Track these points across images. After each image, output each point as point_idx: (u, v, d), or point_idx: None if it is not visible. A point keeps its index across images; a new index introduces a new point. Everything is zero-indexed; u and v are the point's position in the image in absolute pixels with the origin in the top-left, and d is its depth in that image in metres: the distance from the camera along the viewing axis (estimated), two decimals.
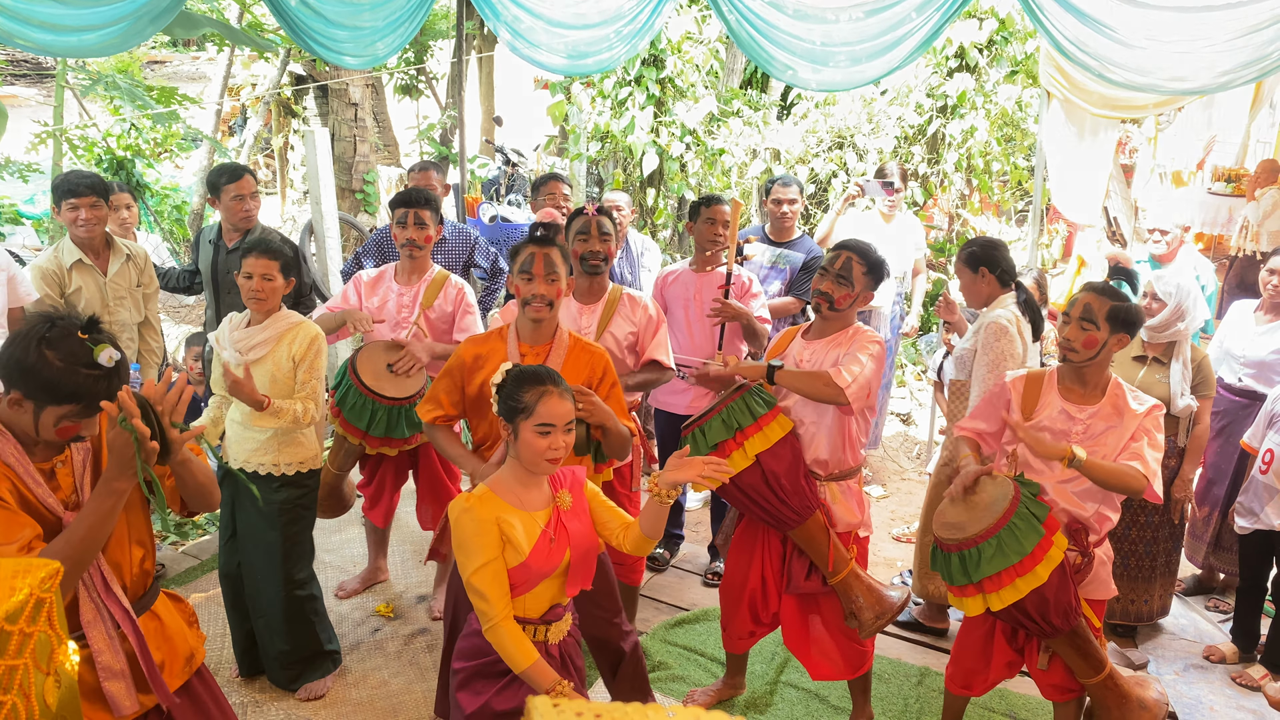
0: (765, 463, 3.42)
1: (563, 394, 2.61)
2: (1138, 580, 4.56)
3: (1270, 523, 4.30)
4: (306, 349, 3.66)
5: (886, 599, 3.52)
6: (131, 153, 8.33)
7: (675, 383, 4.73)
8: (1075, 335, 3.25)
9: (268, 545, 3.78)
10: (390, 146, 11.20)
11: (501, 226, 7.13)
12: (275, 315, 3.67)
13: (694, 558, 5.24)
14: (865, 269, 3.55)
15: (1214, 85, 4.30)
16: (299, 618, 3.89)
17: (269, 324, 3.66)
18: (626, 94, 8.16)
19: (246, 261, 3.59)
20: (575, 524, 2.69)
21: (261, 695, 3.97)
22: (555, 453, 2.58)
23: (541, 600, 2.66)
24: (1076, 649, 3.20)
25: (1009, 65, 8.15)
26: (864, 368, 3.42)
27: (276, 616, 3.85)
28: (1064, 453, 3.06)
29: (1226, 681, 4.40)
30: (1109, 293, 3.26)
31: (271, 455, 3.73)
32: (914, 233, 6.41)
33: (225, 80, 10.53)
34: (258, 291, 3.59)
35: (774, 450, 3.42)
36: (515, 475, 2.65)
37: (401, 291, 4.32)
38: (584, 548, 2.68)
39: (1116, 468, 3.12)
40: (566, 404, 2.61)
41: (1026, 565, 2.96)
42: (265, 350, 3.64)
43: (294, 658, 3.92)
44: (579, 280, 4.09)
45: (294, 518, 3.82)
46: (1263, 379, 4.70)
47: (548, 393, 2.58)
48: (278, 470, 3.75)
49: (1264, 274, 4.69)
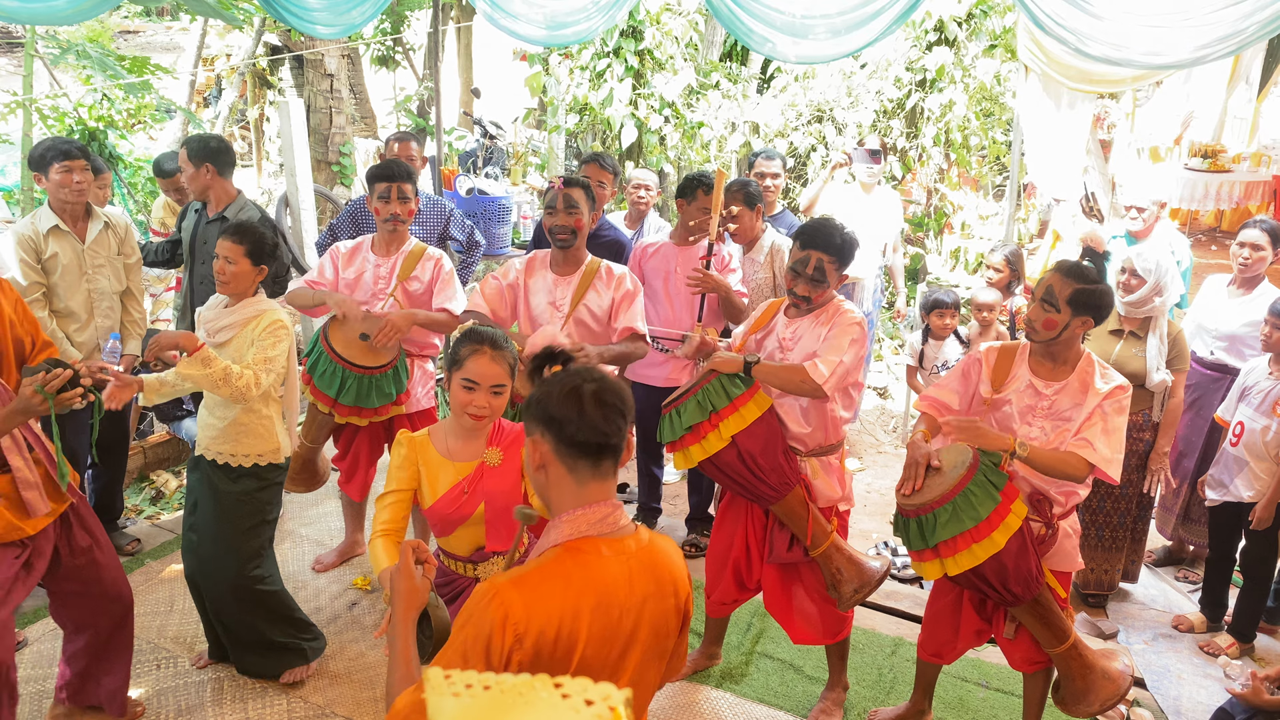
0: (741, 443, 3.42)
1: (497, 357, 2.71)
2: (1110, 550, 4.62)
3: (1239, 494, 4.36)
4: (263, 331, 3.58)
5: (867, 570, 3.55)
6: (104, 124, 8.19)
7: (653, 355, 4.73)
8: (1036, 316, 3.25)
9: (220, 537, 3.66)
10: (367, 118, 11.09)
11: (478, 199, 7.07)
12: (246, 301, 3.62)
13: (671, 530, 5.27)
14: (837, 264, 3.53)
15: (1190, 59, 4.30)
16: (253, 616, 3.77)
17: (237, 309, 3.61)
18: (605, 66, 8.10)
19: (219, 242, 3.56)
20: (498, 481, 2.79)
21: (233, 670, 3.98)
22: (476, 410, 2.71)
23: (463, 542, 2.84)
24: (1040, 618, 3.23)
25: (988, 39, 8.15)
26: (842, 359, 3.41)
27: (233, 615, 3.76)
28: (1006, 446, 3.07)
29: (1195, 650, 4.46)
30: (1075, 275, 3.22)
31: (229, 444, 3.64)
32: (893, 206, 6.43)
33: (199, 50, 10.39)
34: (219, 274, 3.55)
35: (750, 430, 3.42)
36: (451, 426, 2.83)
37: (379, 264, 4.29)
38: (502, 504, 2.77)
39: (1059, 457, 3.13)
40: (496, 367, 2.71)
41: (983, 531, 2.98)
42: (231, 334, 3.60)
43: (256, 659, 3.87)
44: (555, 252, 4.08)
45: (250, 511, 3.69)
46: (1234, 352, 4.74)
47: (479, 351, 2.71)
48: (234, 461, 3.64)
49: (1235, 248, 4.72)
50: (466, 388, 2.71)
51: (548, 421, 1.87)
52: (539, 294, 4.09)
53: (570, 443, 1.85)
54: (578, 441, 1.85)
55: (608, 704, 0.73)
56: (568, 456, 1.87)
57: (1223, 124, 9.53)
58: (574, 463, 1.87)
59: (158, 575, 4.63)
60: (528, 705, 0.72)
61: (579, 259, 4.09)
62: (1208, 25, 4.10)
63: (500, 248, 7.16)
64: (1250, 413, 4.35)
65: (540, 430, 1.89)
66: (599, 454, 1.87)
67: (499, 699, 0.72)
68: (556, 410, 1.86)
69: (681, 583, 1.98)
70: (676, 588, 1.96)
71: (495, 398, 2.73)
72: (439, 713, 0.72)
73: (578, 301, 4.04)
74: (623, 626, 1.85)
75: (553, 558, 1.84)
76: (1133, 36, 4.26)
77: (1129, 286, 4.32)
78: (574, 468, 1.87)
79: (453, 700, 0.73)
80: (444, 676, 0.75)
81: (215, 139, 4.75)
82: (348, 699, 3.83)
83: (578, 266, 4.09)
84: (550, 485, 1.91)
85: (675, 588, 1.96)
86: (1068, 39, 4.37)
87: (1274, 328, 4.23)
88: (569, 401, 1.86)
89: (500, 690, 0.74)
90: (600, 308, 4.07)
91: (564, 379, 1.91)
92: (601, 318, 4.08)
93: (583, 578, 1.82)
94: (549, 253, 4.14)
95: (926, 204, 8.89)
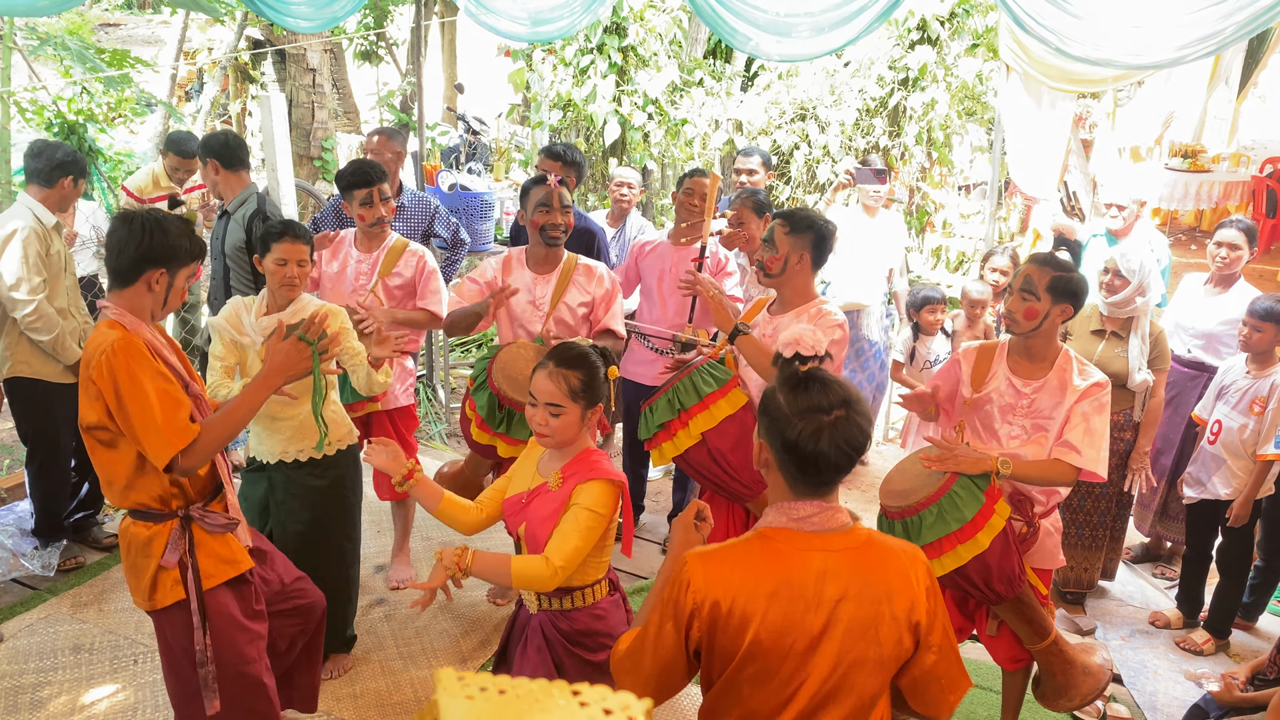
0: (711, 440, 3.43)
1: (555, 374, 2.60)
2: (1090, 549, 4.65)
3: (1216, 492, 4.39)
4: (340, 327, 3.46)
5: None
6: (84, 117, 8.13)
7: (644, 353, 4.74)
8: (1016, 306, 3.27)
9: (324, 536, 3.66)
10: (350, 113, 11.05)
11: (461, 195, 7.05)
12: (297, 300, 3.56)
13: (654, 527, 5.27)
14: (788, 229, 3.50)
15: (1171, 59, 4.32)
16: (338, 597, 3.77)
17: (294, 310, 3.52)
18: (588, 62, 8.09)
19: (281, 247, 3.45)
20: (540, 507, 2.68)
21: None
22: (536, 426, 2.63)
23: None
24: (1022, 616, 3.25)
25: (970, 38, 8.17)
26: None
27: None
28: (989, 467, 3.07)
29: (1171, 646, 4.50)
30: (1050, 263, 3.26)
31: (309, 439, 3.56)
32: (897, 229, 6.19)
33: (180, 44, 10.32)
34: (295, 278, 3.45)
35: (720, 428, 3.43)
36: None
37: (360, 259, 4.27)
38: (534, 531, 2.67)
39: (1044, 466, 3.17)
40: (551, 385, 2.60)
41: (967, 532, 2.99)
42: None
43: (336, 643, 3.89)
44: (535, 250, 4.07)
45: (346, 496, 3.72)
46: (1211, 350, 4.78)
47: (542, 365, 2.64)
48: (316, 454, 3.59)
49: (1212, 247, 4.76)
50: (531, 402, 2.64)
51: (775, 434, 1.92)
52: (519, 293, 4.07)
53: (797, 465, 1.90)
54: (804, 466, 1.90)
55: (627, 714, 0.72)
56: (787, 472, 1.93)
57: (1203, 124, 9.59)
58: (791, 480, 1.94)
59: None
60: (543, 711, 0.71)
61: (557, 256, 4.09)
62: (1188, 25, 4.12)
63: (483, 243, 7.14)
64: (1228, 411, 4.39)
65: (767, 436, 1.95)
66: (817, 477, 1.92)
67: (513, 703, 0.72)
68: (789, 431, 1.89)
69: (900, 591, 1.91)
70: (891, 594, 1.90)
71: (553, 418, 2.59)
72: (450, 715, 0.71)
73: (558, 299, 4.04)
74: (807, 620, 1.86)
75: (744, 541, 1.95)
76: (1113, 36, 4.28)
77: (1113, 287, 4.34)
78: (791, 481, 1.94)
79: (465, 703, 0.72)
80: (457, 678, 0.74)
81: (222, 135, 4.69)
82: (326, 693, 3.81)
83: (556, 264, 4.08)
84: (770, 484, 2.01)
85: (889, 593, 1.90)
86: (1049, 39, 4.39)
87: (1252, 328, 4.27)
88: (807, 429, 1.87)
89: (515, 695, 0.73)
90: (579, 304, 4.07)
91: (806, 399, 1.90)
92: (580, 314, 4.08)
93: (766, 564, 1.89)
94: (524, 250, 4.13)
95: (909, 202, 8.91)
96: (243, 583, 2.93)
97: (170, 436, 2.59)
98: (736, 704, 1.93)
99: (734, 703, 1.94)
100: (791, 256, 3.51)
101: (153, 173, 5.95)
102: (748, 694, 1.92)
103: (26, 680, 3.81)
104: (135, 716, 3.67)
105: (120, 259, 2.69)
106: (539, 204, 3.95)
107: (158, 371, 2.63)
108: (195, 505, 2.82)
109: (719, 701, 1.96)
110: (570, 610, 2.72)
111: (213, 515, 2.84)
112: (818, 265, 3.59)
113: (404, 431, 4.45)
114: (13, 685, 3.80)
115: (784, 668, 1.88)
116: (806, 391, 1.92)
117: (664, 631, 1.93)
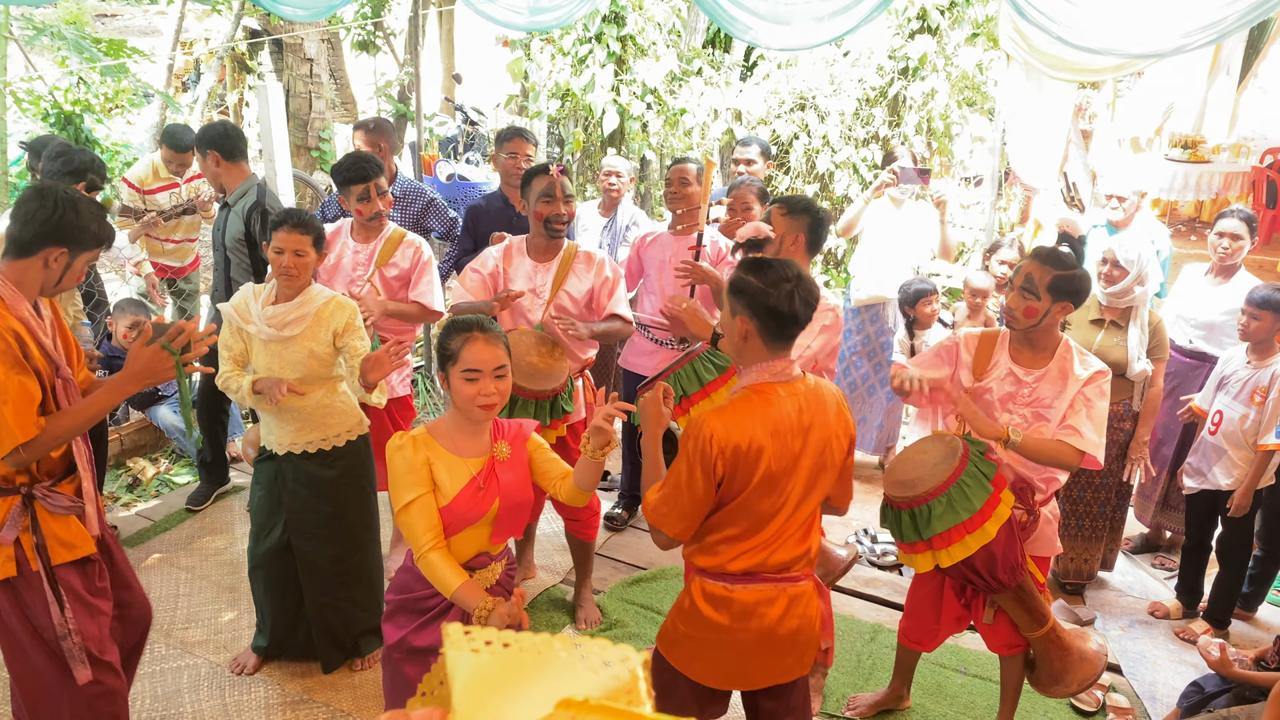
0: None
1: (490, 339, 2.57)
2: (1090, 540, 4.64)
3: (1217, 482, 4.39)
4: (347, 320, 3.48)
5: (833, 558, 3.55)
6: (80, 108, 8.11)
7: (644, 344, 4.73)
8: (1016, 304, 3.26)
9: (336, 529, 3.65)
10: (348, 103, 11.01)
11: (459, 185, 7.04)
12: (307, 291, 3.51)
13: None
14: (785, 211, 3.56)
15: (1172, 48, 4.30)
16: (358, 588, 3.78)
17: (302, 300, 3.47)
18: (587, 51, 8.07)
19: (278, 235, 3.40)
20: (509, 475, 2.69)
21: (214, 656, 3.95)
22: (486, 399, 2.57)
23: (467, 546, 2.69)
24: (1021, 603, 3.25)
25: (970, 27, 8.14)
26: (810, 344, 3.43)
27: (338, 595, 3.74)
28: (1000, 434, 3.10)
29: (1170, 636, 4.50)
30: (1052, 261, 3.22)
31: (318, 431, 3.57)
32: (928, 220, 5.79)
33: (177, 34, 10.27)
34: (290, 268, 3.40)
35: None
36: (454, 422, 2.67)
37: (357, 249, 4.26)
38: (514, 499, 2.69)
39: (1050, 445, 3.17)
40: (493, 349, 2.57)
41: (975, 522, 2.99)
42: (301, 328, 3.45)
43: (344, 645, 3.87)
44: (536, 239, 4.07)
45: (359, 486, 3.70)
46: (1213, 341, 4.77)
47: (472, 338, 2.57)
48: (328, 444, 3.59)
49: (1213, 237, 4.74)
50: (469, 379, 2.55)
51: (757, 306, 2.53)
52: (519, 281, 4.07)
53: (777, 324, 2.55)
54: (784, 324, 2.55)
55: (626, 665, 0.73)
56: (768, 333, 2.56)
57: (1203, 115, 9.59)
58: (772, 337, 2.58)
59: (136, 563, 4.58)
60: (546, 664, 0.72)
61: (558, 245, 4.09)
62: (1189, 13, 4.10)
63: None
64: (1228, 401, 4.38)
65: (748, 311, 2.55)
66: (792, 330, 2.58)
67: (517, 656, 0.73)
68: (768, 299, 2.52)
69: (842, 411, 2.70)
70: (840, 414, 2.69)
71: (500, 381, 2.59)
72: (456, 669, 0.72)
73: (558, 287, 4.04)
74: (793, 444, 2.58)
75: (742, 396, 2.60)
76: (1114, 24, 4.26)
77: (1111, 277, 4.33)
78: (770, 340, 2.58)
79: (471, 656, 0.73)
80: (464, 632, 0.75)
81: (220, 125, 4.66)
82: (326, 684, 3.81)
83: (556, 252, 4.09)
84: (747, 350, 2.62)
85: (839, 415, 2.68)
86: (1049, 27, 4.37)
87: (1250, 316, 4.26)
88: (781, 294, 2.52)
89: (519, 648, 0.74)
90: (580, 292, 4.06)
91: (772, 273, 2.54)
92: (582, 302, 4.07)
93: (764, 410, 2.55)
94: (524, 239, 4.13)
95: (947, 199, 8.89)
96: (87, 561, 2.92)
97: (15, 428, 2.60)
98: (746, 514, 2.61)
99: (744, 514, 2.61)
100: (787, 237, 3.55)
101: (153, 163, 5.93)
102: (755, 504, 2.59)
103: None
104: (134, 707, 3.64)
105: (24, 230, 2.67)
106: (542, 194, 3.94)
107: (16, 360, 2.61)
108: (40, 484, 2.80)
109: (734, 514, 2.61)
110: None
111: (57, 496, 2.82)
112: (813, 250, 3.62)
113: (401, 423, 4.44)
114: None
115: (781, 481, 2.59)
116: (770, 269, 2.57)
117: (694, 477, 2.54)
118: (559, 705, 0.67)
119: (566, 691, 0.69)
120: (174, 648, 4.00)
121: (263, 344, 3.48)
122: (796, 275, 2.55)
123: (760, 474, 2.54)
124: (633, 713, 0.68)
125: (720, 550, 2.65)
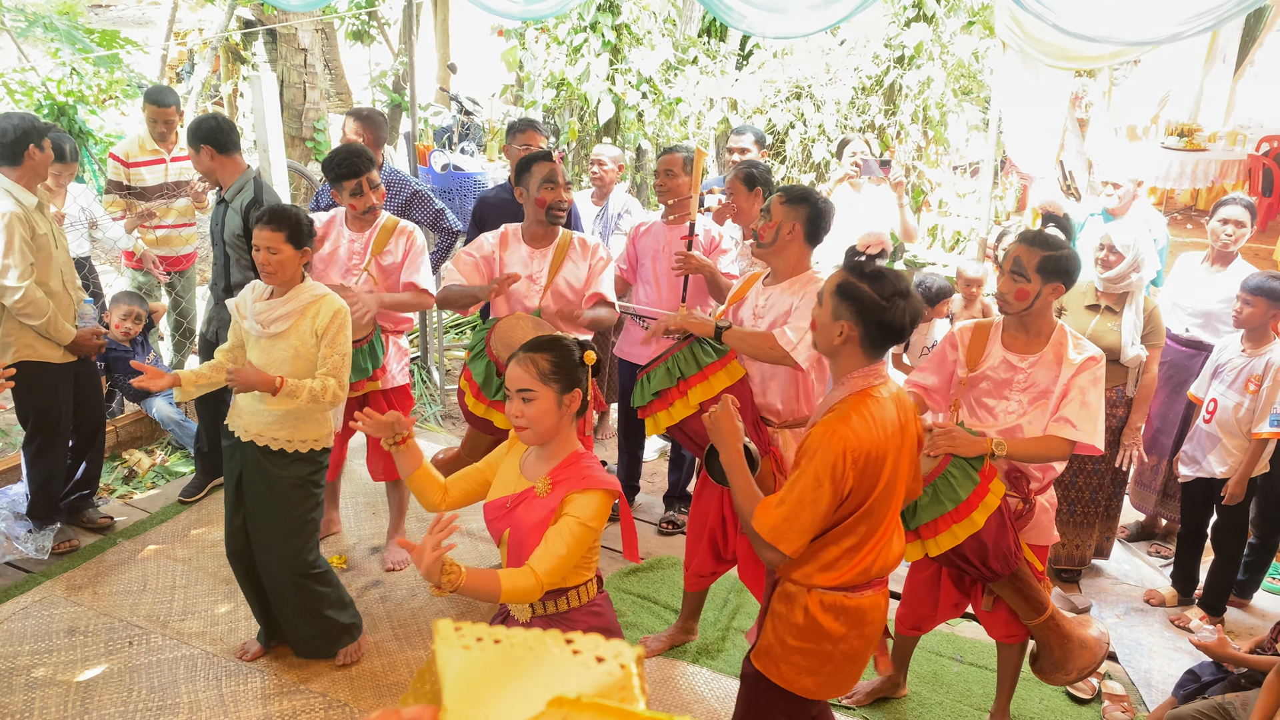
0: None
1: (520, 360, 2.52)
2: (1082, 526, 4.65)
3: (1212, 470, 4.40)
4: (329, 322, 3.45)
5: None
6: (74, 99, 8.07)
7: (639, 333, 4.73)
8: (1008, 288, 3.26)
9: (277, 524, 3.62)
10: (343, 94, 10.96)
11: (454, 175, 7.01)
12: (298, 288, 3.48)
13: (649, 508, 5.26)
14: (784, 199, 3.54)
15: (1169, 35, 4.30)
16: (312, 599, 3.74)
17: (291, 296, 3.46)
18: (582, 40, 8.04)
19: (255, 233, 3.39)
20: (527, 513, 2.57)
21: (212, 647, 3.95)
22: (513, 420, 2.53)
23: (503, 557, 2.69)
24: (1018, 592, 3.26)
25: (966, 15, 8.13)
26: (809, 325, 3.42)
27: (291, 599, 3.72)
28: (984, 449, 3.08)
29: (1166, 624, 4.51)
30: (1040, 243, 3.23)
31: (285, 431, 3.54)
32: (886, 205, 5.81)
33: (170, 24, 10.24)
34: (265, 265, 3.39)
35: (719, 400, 3.43)
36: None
37: (353, 238, 4.25)
38: (520, 537, 2.58)
39: (1038, 443, 3.17)
40: (518, 369, 2.51)
41: (962, 512, 3.01)
42: (288, 324, 3.44)
43: (315, 639, 3.84)
44: (534, 226, 4.07)
45: (303, 495, 3.64)
46: (1209, 329, 4.77)
47: (517, 357, 2.54)
48: (290, 446, 3.57)
49: (1214, 225, 4.73)
50: (507, 397, 2.55)
51: (868, 317, 2.53)
52: (515, 267, 4.06)
53: (882, 336, 2.55)
54: (889, 336, 2.56)
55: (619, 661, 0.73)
56: (871, 342, 2.56)
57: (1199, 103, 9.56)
58: (873, 347, 2.58)
59: (132, 555, 4.58)
60: (538, 660, 0.72)
61: (554, 232, 4.09)
62: (1185, 1, 4.10)
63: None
64: (1223, 389, 4.38)
65: (856, 318, 2.54)
66: (895, 343, 2.61)
67: (509, 653, 0.73)
68: (883, 314, 2.52)
69: (912, 411, 2.72)
70: (914, 414, 2.73)
71: (527, 405, 2.49)
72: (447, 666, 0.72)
73: (554, 274, 4.05)
74: (899, 444, 2.60)
75: (853, 403, 2.55)
76: (1111, 11, 4.26)
77: (1107, 263, 4.33)
78: (870, 349, 2.58)
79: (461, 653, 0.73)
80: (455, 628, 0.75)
81: (211, 118, 4.55)
82: (322, 674, 3.81)
83: (552, 240, 4.09)
84: (839, 352, 2.60)
85: (912, 414, 2.71)
86: (1045, 14, 4.36)
87: (1244, 303, 4.26)
88: (895, 309, 2.52)
89: (510, 644, 0.74)
90: (577, 279, 4.07)
91: (888, 286, 2.53)
92: (578, 289, 4.08)
93: (879, 412, 2.55)
94: (520, 226, 4.13)
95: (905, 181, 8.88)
96: None
97: None
98: (865, 522, 2.59)
99: (864, 522, 2.59)
100: (784, 226, 3.52)
101: (139, 137, 5.88)
102: (876, 510, 2.58)
103: (21, 662, 3.80)
104: (130, 698, 3.66)
105: None
106: (545, 180, 3.94)
107: None
108: None
109: (854, 525, 2.58)
110: (568, 612, 2.63)
111: None
112: (812, 240, 3.58)
113: (399, 411, 4.44)
114: (8, 667, 3.79)
115: (896, 483, 2.61)
116: (886, 281, 2.55)
117: (821, 493, 2.48)
118: (551, 704, 0.67)
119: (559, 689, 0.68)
120: (170, 638, 4.00)
121: (254, 340, 3.48)
122: (908, 291, 2.55)
123: (885, 480, 2.55)
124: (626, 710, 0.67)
125: (840, 565, 2.62)
